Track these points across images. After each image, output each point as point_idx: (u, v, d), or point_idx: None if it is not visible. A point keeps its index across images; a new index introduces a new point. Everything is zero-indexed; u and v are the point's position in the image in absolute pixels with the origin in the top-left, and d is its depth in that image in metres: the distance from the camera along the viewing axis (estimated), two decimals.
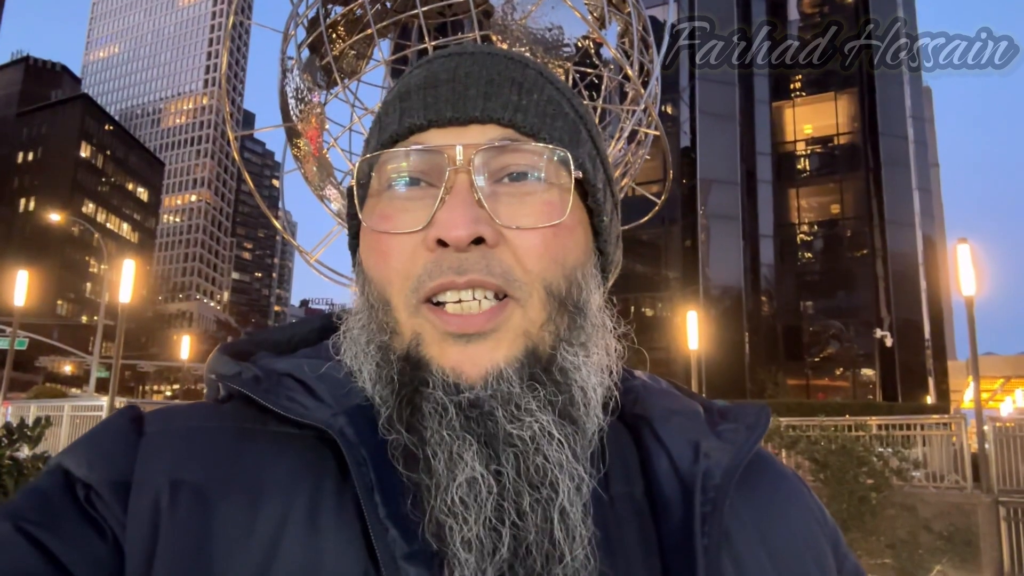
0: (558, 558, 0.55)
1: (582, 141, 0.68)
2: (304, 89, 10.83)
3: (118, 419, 0.65)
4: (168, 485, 0.57)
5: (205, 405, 0.67)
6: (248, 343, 0.73)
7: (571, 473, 0.57)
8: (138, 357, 52.03)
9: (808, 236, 32.67)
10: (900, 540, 8.60)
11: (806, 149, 33.00)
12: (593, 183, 0.67)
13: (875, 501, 8.90)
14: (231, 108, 13.51)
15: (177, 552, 0.55)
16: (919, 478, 10.44)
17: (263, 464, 0.59)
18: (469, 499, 0.55)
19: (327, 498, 0.57)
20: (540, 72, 0.69)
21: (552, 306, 0.61)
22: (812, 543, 0.67)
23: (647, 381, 0.74)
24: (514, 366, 0.59)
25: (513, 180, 0.62)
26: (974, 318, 11.15)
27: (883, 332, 27.92)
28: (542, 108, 0.66)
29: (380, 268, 0.63)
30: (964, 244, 11.65)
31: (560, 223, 0.62)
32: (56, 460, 0.62)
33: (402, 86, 0.69)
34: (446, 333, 0.59)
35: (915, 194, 30.19)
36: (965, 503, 9.63)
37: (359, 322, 0.65)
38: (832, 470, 9.14)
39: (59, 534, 0.55)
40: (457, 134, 0.63)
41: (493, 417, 0.57)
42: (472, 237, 0.58)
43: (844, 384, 30.70)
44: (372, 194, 0.66)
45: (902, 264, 29.35)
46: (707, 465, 0.62)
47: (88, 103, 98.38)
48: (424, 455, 0.57)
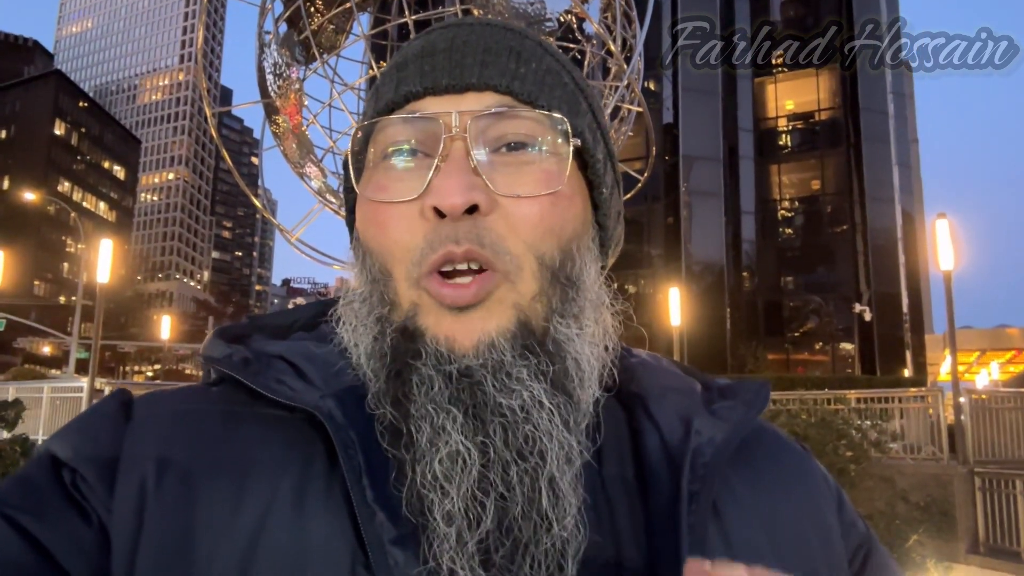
0: (546, 528, 0.54)
1: (582, 112, 0.67)
2: (282, 64, 10.66)
3: (108, 403, 0.64)
4: (154, 468, 0.57)
5: (195, 388, 0.67)
6: (246, 326, 0.72)
7: (561, 442, 0.56)
8: (118, 337, 51.51)
9: (789, 212, 32.85)
10: (878, 511, 8.77)
11: (788, 125, 33.07)
12: (593, 154, 0.66)
13: (854, 473, 9.05)
14: (208, 84, 13.29)
15: (162, 535, 0.54)
16: (897, 450, 10.62)
17: (250, 446, 0.59)
18: (452, 472, 0.54)
19: (315, 481, 0.57)
20: (539, 43, 0.68)
21: (544, 278, 0.60)
22: (817, 521, 0.65)
23: (646, 359, 0.72)
24: (506, 336, 0.58)
25: (511, 150, 0.61)
26: (952, 292, 11.29)
27: (862, 307, 28.24)
28: (540, 77, 0.65)
29: (378, 239, 0.62)
30: (943, 219, 11.76)
31: (558, 192, 0.61)
32: (44, 445, 0.61)
33: (399, 56, 0.68)
34: (443, 306, 0.58)
35: (895, 169, 30.40)
36: (942, 474, 9.82)
37: (360, 296, 0.64)
38: (812, 443, 9.27)
39: (43, 519, 0.55)
40: (453, 101, 0.62)
41: (482, 387, 0.56)
42: (467, 205, 0.58)
43: (823, 358, 31.07)
44: (368, 165, 0.65)
45: (881, 239, 29.62)
46: (698, 442, 0.61)
47: (61, 79, 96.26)
48: (408, 429, 0.56)
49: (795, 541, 0.62)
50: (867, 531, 0.71)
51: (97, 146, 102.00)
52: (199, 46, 13.89)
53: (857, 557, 0.68)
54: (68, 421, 0.65)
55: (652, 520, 0.59)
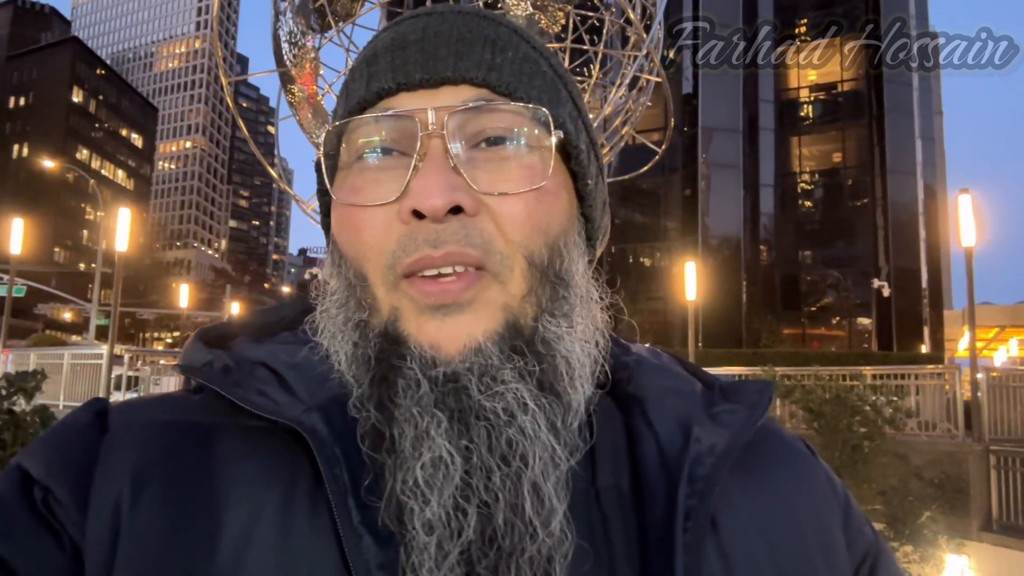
0: (530, 535, 0.52)
1: (562, 101, 0.64)
2: (298, 33, 10.60)
3: (81, 415, 0.62)
4: (130, 485, 0.54)
5: (175, 397, 0.64)
6: (229, 326, 0.70)
7: (545, 444, 0.54)
8: (137, 305, 52.08)
9: (809, 185, 32.49)
10: (891, 487, 8.76)
11: (809, 96, 32.56)
12: (576, 144, 0.63)
13: (867, 449, 9.03)
14: (224, 52, 13.25)
15: (138, 557, 0.52)
16: (911, 427, 10.58)
17: (231, 462, 0.56)
18: (432, 479, 0.52)
19: (300, 499, 0.54)
20: (515, 30, 0.65)
21: (533, 277, 0.58)
22: (819, 529, 0.63)
23: (644, 356, 0.69)
24: (493, 339, 0.56)
25: (491, 145, 0.59)
26: (972, 269, 11.14)
27: (880, 282, 28.00)
28: (518, 66, 0.62)
29: (354, 244, 0.59)
30: (966, 195, 11.56)
31: (543, 187, 0.58)
32: (16, 459, 0.59)
33: (368, 50, 0.65)
34: (424, 306, 0.56)
35: (918, 142, 29.93)
36: (956, 451, 9.77)
37: (336, 302, 0.62)
38: (826, 419, 9.25)
39: (12, 540, 0.53)
40: (428, 97, 0.59)
41: (468, 391, 0.54)
42: (449, 206, 0.55)
43: (840, 333, 30.92)
44: (342, 167, 0.62)
45: (902, 213, 29.27)
46: (697, 451, 0.59)
47: (78, 46, 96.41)
48: (391, 433, 0.54)
49: (796, 553, 0.60)
50: (875, 537, 0.68)
51: (115, 114, 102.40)
52: (215, 13, 13.81)
53: (864, 567, 0.65)
54: (41, 433, 0.63)
55: (647, 534, 0.57)
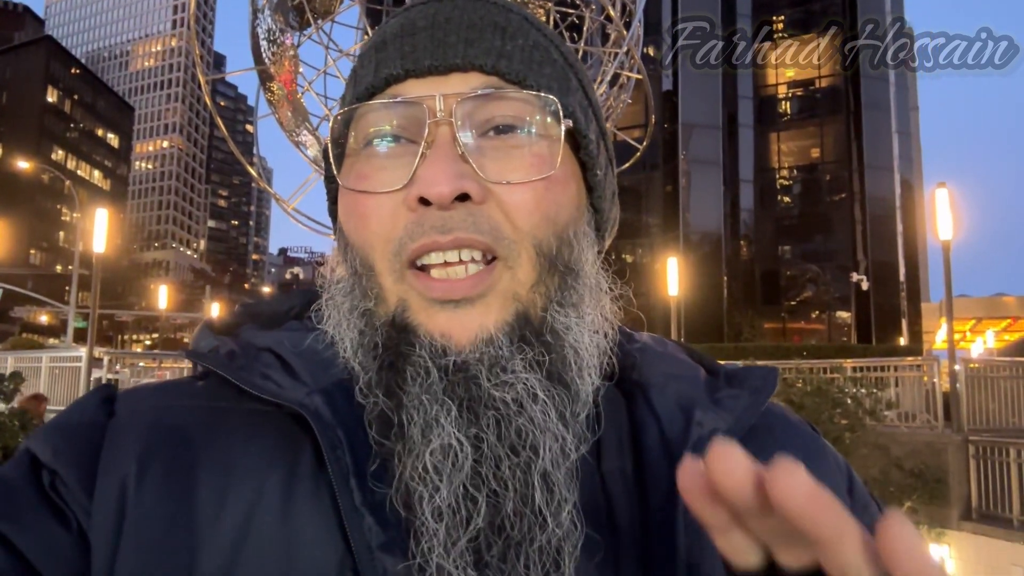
0: (540, 524, 0.52)
1: (572, 89, 0.63)
2: (276, 30, 10.51)
3: (89, 400, 0.63)
4: (136, 469, 0.55)
5: (180, 383, 0.65)
6: (238, 315, 0.69)
7: (555, 435, 0.54)
8: (115, 307, 51.44)
9: (788, 181, 32.74)
10: (872, 478, 8.86)
11: (788, 92, 32.80)
12: (585, 134, 0.62)
13: (848, 441, 9.13)
14: (201, 50, 13.12)
15: (143, 538, 0.53)
16: (891, 418, 10.70)
17: (236, 445, 0.57)
18: (442, 466, 0.52)
19: (303, 481, 0.55)
20: (525, 17, 0.65)
21: (542, 266, 0.58)
22: None
23: (649, 344, 0.69)
24: (504, 330, 0.56)
25: (499, 133, 0.58)
26: (950, 262, 11.27)
27: (859, 276, 28.28)
28: (528, 54, 0.61)
29: (360, 231, 0.59)
30: (943, 188, 11.70)
31: (551, 176, 0.58)
32: (25, 444, 0.60)
33: (378, 36, 0.64)
34: (432, 300, 0.56)
35: (895, 137, 30.25)
36: (936, 442, 9.89)
37: (342, 289, 0.62)
38: (807, 412, 9.34)
39: (20, 524, 0.53)
40: (437, 84, 0.59)
41: (477, 381, 0.54)
42: (456, 193, 0.55)
43: (820, 327, 31.20)
44: (349, 153, 0.62)
45: (879, 208, 29.58)
46: (699, 435, 0.59)
47: (53, 45, 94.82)
48: (399, 420, 0.54)
49: None
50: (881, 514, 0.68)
51: (90, 113, 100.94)
52: (191, 11, 13.66)
53: None
54: (51, 418, 0.63)
55: (650, 517, 0.57)
